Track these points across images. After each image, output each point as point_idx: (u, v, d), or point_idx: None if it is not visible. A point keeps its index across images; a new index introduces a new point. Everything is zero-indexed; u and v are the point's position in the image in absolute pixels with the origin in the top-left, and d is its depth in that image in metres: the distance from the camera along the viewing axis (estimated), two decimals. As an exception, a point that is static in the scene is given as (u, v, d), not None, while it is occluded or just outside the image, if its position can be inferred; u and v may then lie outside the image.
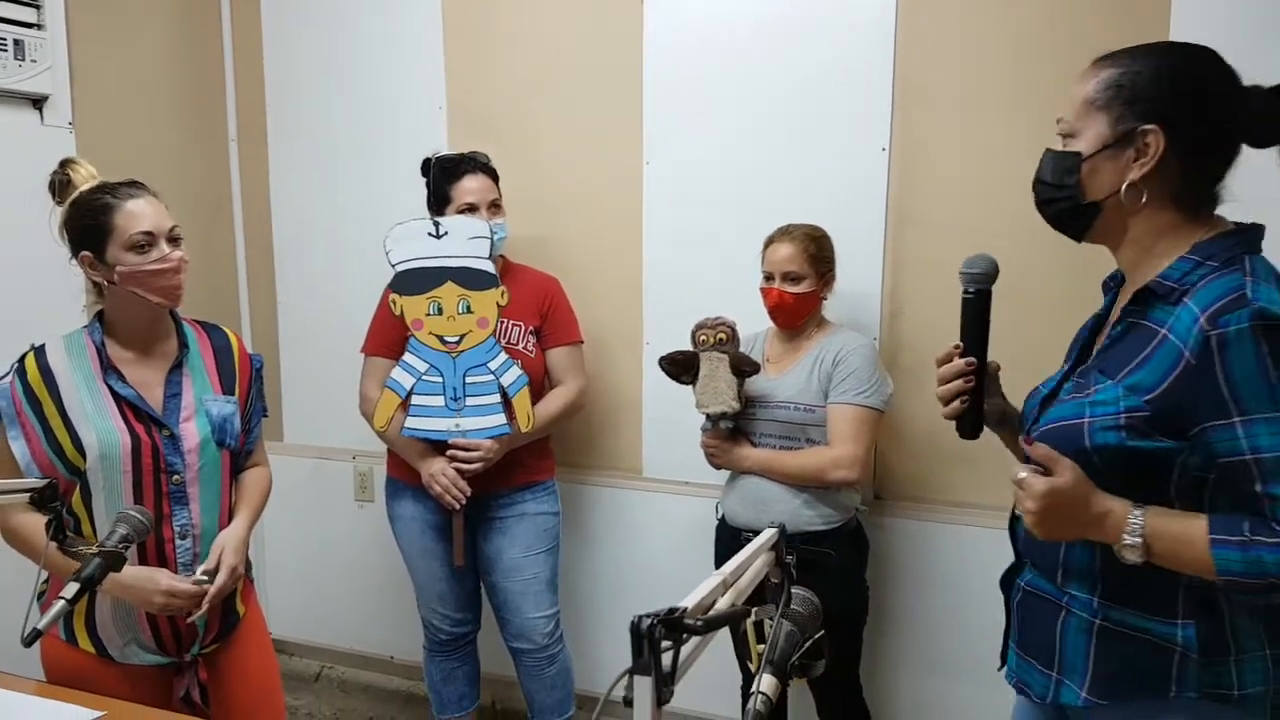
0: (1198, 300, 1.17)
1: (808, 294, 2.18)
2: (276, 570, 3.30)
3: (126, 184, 1.72)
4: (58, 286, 2.31)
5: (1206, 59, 1.25)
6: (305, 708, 3.19)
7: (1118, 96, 1.24)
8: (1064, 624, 1.31)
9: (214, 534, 1.79)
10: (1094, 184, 1.27)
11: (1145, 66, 1.24)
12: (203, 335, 1.87)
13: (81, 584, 1.38)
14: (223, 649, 1.85)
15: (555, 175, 2.75)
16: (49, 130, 2.53)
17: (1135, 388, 1.20)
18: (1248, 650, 1.22)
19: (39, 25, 2.47)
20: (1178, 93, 1.22)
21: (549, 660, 2.50)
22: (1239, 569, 1.12)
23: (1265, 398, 1.11)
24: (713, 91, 2.55)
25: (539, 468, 2.49)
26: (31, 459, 1.66)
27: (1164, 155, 1.21)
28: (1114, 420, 1.20)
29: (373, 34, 2.94)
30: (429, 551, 2.48)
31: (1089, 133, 1.27)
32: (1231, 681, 1.21)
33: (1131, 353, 1.23)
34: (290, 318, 3.21)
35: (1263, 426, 1.12)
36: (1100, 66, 1.28)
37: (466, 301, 2.27)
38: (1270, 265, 1.21)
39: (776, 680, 0.94)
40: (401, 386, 2.30)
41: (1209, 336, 1.13)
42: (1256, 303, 1.12)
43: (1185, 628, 1.22)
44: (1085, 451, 1.22)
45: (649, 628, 0.65)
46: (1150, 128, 1.21)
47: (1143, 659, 1.24)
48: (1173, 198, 1.24)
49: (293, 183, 3.13)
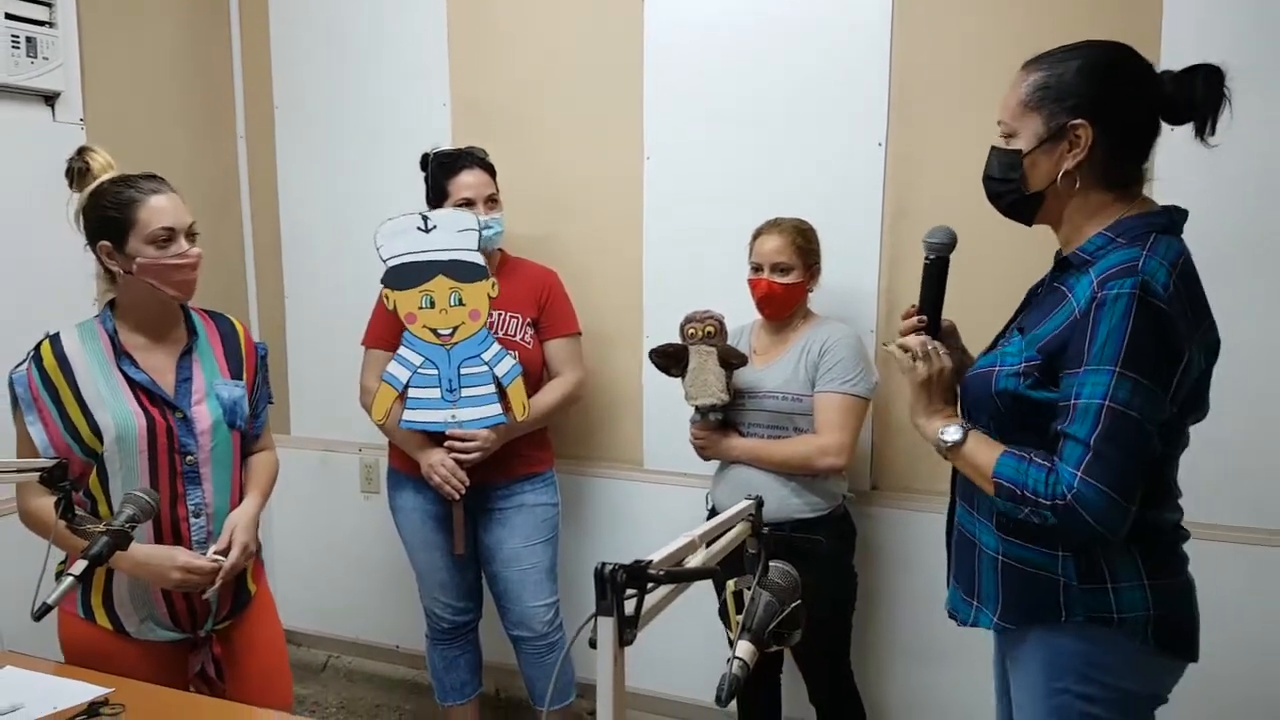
0: (1097, 269, 1.33)
1: (795, 285, 2.22)
2: (284, 561, 3.35)
3: (147, 177, 1.77)
4: (71, 278, 2.37)
5: (1122, 54, 1.40)
6: (312, 697, 3.24)
7: (1047, 96, 1.39)
8: (979, 559, 1.50)
9: (226, 513, 1.84)
10: (1035, 176, 1.42)
11: (1068, 67, 1.38)
12: (209, 323, 1.92)
13: (89, 561, 1.43)
14: (235, 625, 1.91)
15: (557, 170, 2.79)
16: (60, 126, 2.58)
17: (1035, 340, 1.37)
18: (1122, 579, 1.38)
19: (51, 23, 2.52)
20: (1098, 87, 1.36)
21: (549, 648, 2.54)
22: (1008, 474, 1.33)
23: (1110, 356, 1.26)
24: (712, 88, 2.59)
25: (538, 459, 2.53)
26: (49, 443, 1.71)
27: (1093, 144, 1.36)
28: (1015, 369, 1.37)
29: (378, 33, 2.98)
30: (430, 542, 2.52)
31: (1026, 131, 1.41)
32: (1111, 606, 1.38)
33: (1043, 313, 1.40)
34: (297, 311, 3.26)
35: (1093, 377, 1.28)
36: (1029, 70, 1.43)
37: (458, 294, 2.30)
38: (1177, 250, 1.34)
39: (753, 647, 0.97)
40: (398, 380, 2.34)
41: (1096, 296, 1.29)
42: (1143, 275, 1.27)
43: (1065, 560, 1.39)
44: (990, 396, 1.41)
45: (611, 573, 0.69)
46: (1079, 122, 1.36)
47: (1038, 589, 1.42)
48: (1103, 180, 1.39)
49: (300, 178, 3.18)
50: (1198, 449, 1.46)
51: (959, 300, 1.68)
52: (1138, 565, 1.38)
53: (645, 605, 0.74)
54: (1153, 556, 1.39)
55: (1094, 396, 1.27)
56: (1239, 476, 2.18)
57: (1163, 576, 1.40)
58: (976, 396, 1.45)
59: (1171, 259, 1.32)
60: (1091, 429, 1.27)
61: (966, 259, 2.28)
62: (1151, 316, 1.26)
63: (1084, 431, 1.27)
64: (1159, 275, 1.28)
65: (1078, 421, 1.28)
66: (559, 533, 2.58)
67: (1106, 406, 1.26)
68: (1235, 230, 2.14)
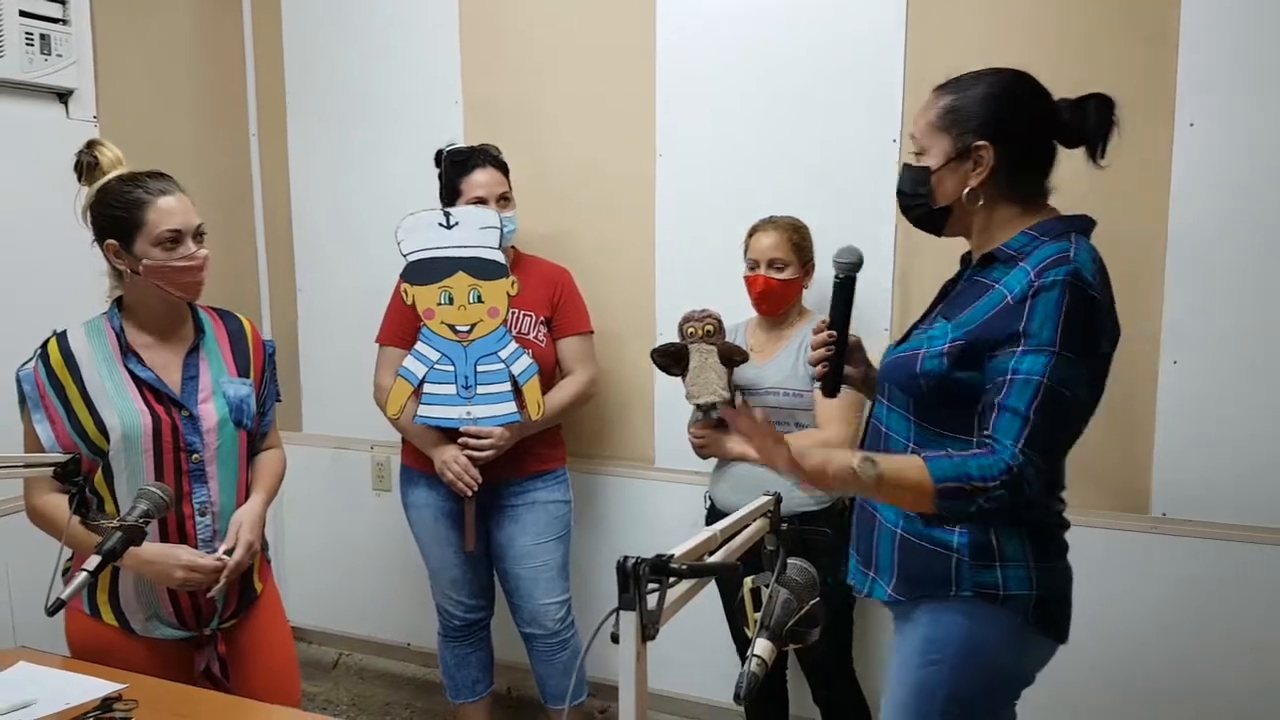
0: (1031, 261, 1.41)
1: (792, 280, 2.23)
2: (295, 559, 3.35)
3: (156, 177, 1.76)
4: (81, 275, 2.37)
5: (1023, 82, 1.50)
6: (323, 694, 3.24)
7: (955, 119, 1.48)
8: (878, 533, 1.58)
9: (232, 511, 1.83)
10: (942, 192, 1.51)
11: (974, 93, 1.48)
12: (217, 320, 1.92)
13: (103, 557, 1.42)
14: (241, 624, 1.90)
15: (568, 168, 2.78)
16: (74, 123, 2.58)
17: (961, 325, 1.44)
18: (1010, 559, 1.46)
19: (64, 20, 2.52)
20: (1000, 113, 1.47)
21: (561, 645, 2.53)
22: (949, 475, 1.32)
23: (1047, 338, 1.35)
24: (724, 85, 2.58)
25: (550, 456, 2.53)
26: (55, 441, 1.71)
27: (994, 164, 1.46)
28: (940, 350, 1.45)
29: (390, 31, 2.98)
30: (442, 538, 2.52)
31: (935, 150, 1.50)
32: (998, 584, 1.46)
33: (967, 300, 1.47)
34: (309, 309, 3.26)
35: (1030, 355, 1.35)
36: (940, 94, 1.52)
37: (477, 291, 2.30)
38: (1092, 247, 1.46)
39: (771, 644, 0.96)
40: (414, 375, 2.34)
41: (1032, 284, 1.37)
42: (1075, 264, 1.38)
43: (960, 534, 1.47)
44: (915, 376, 1.47)
45: (634, 566, 0.69)
46: (982, 143, 1.46)
47: (931, 563, 1.49)
48: (1006, 195, 1.49)
49: (312, 175, 3.18)
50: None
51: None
52: (1025, 547, 1.47)
53: (666, 600, 0.73)
54: (1039, 541, 1.49)
55: (1033, 373, 1.34)
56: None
57: (1047, 560, 1.50)
58: (898, 378, 1.52)
59: (1094, 255, 1.44)
60: (1030, 401, 1.34)
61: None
62: (1084, 302, 1.36)
63: (1022, 404, 1.34)
64: (1088, 266, 1.40)
65: (1015, 394, 1.35)
66: (571, 530, 2.58)
67: (1044, 383, 1.34)
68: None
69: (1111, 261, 2.08)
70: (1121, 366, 2.23)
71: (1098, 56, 2.21)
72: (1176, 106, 2.15)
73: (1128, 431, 2.26)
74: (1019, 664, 1.53)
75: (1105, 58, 2.20)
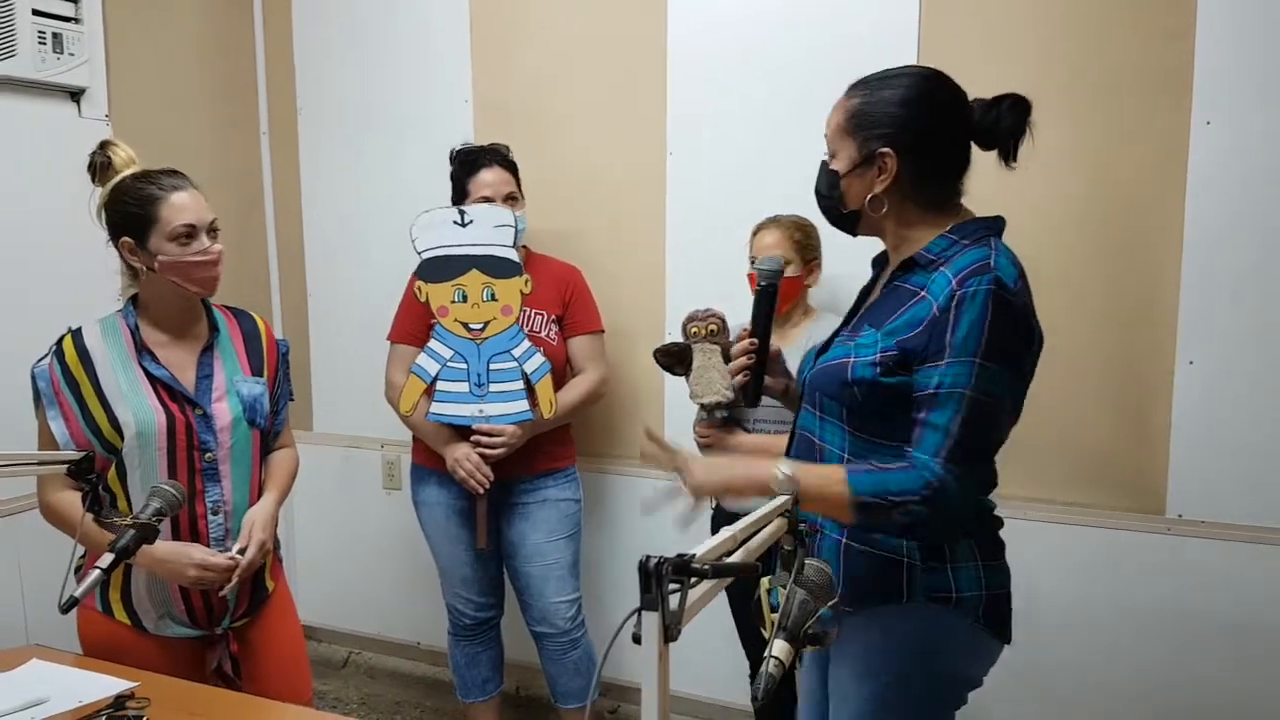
0: (952, 267, 1.38)
1: (793, 279, 2.22)
2: (306, 557, 3.35)
3: (169, 173, 1.76)
4: (93, 274, 2.37)
5: (935, 84, 1.46)
6: (333, 693, 3.24)
7: (861, 124, 1.45)
8: (820, 544, 1.52)
9: (245, 510, 1.83)
10: (850, 196, 1.49)
11: (881, 97, 1.44)
12: (232, 320, 1.92)
13: (116, 554, 1.42)
14: (252, 622, 1.90)
15: (579, 166, 2.78)
16: (86, 122, 2.59)
17: (892, 333, 1.41)
18: (961, 560, 1.45)
19: (77, 19, 2.52)
20: (907, 119, 1.42)
21: (571, 645, 2.53)
22: (869, 489, 1.33)
23: (971, 349, 1.33)
24: (736, 82, 2.57)
25: (560, 454, 2.53)
26: (70, 438, 1.71)
27: (899, 171, 1.43)
28: (871, 359, 1.41)
29: (400, 30, 2.98)
30: (453, 536, 2.52)
31: (843, 154, 1.48)
32: (950, 586, 1.44)
33: (893, 308, 1.44)
34: (320, 308, 3.26)
35: (955, 367, 1.33)
36: (850, 96, 1.49)
37: (491, 289, 2.30)
38: (1008, 248, 1.44)
39: (789, 645, 0.95)
40: (426, 372, 2.34)
41: (955, 294, 1.35)
42: (996, 271, 1.35)
43: (910, 542, 1.43)
44: (848, 384, 1.43)
45: (656, 566, 0.68)
46: (885, 150, 1.43)
47: (880, 571, 1.45)
48: (915, 200, 1.46)
49: (322, 175, 3.18)
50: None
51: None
52: (973, 547, 1.47)
53: (688, 600, 0.72)
54: (983, 539, 1.50)
55: (956, 385, 1.33)
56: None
57: (992, 558, 1.50)
58: (828, 387, 1.49)
59: (1013, 259, 1.41)
60: (953, 415, 1.33)
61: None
62: (1007, 310, 1.34)
63: (944, 419, 1.33)
64: (1009, 272, 1.37)
65: (939, 410, 1.34)
66: (582, 529, 2.57)
67: (967, 395, 1.33)
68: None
69: (1126, 261, 2.12)
70: (1137, 367, 2.25)
71: (1113, 55, 2.19)
72: (1193, 104, 2.13)
73: (1143, 432, 2.25)
74: (970, 667, 1.52)
75: (1120, 56, 2.19)
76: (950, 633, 1.47)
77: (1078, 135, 2.23)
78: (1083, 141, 2.23)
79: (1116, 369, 2.27)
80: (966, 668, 1.52)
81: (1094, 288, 2.26)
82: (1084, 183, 2.25)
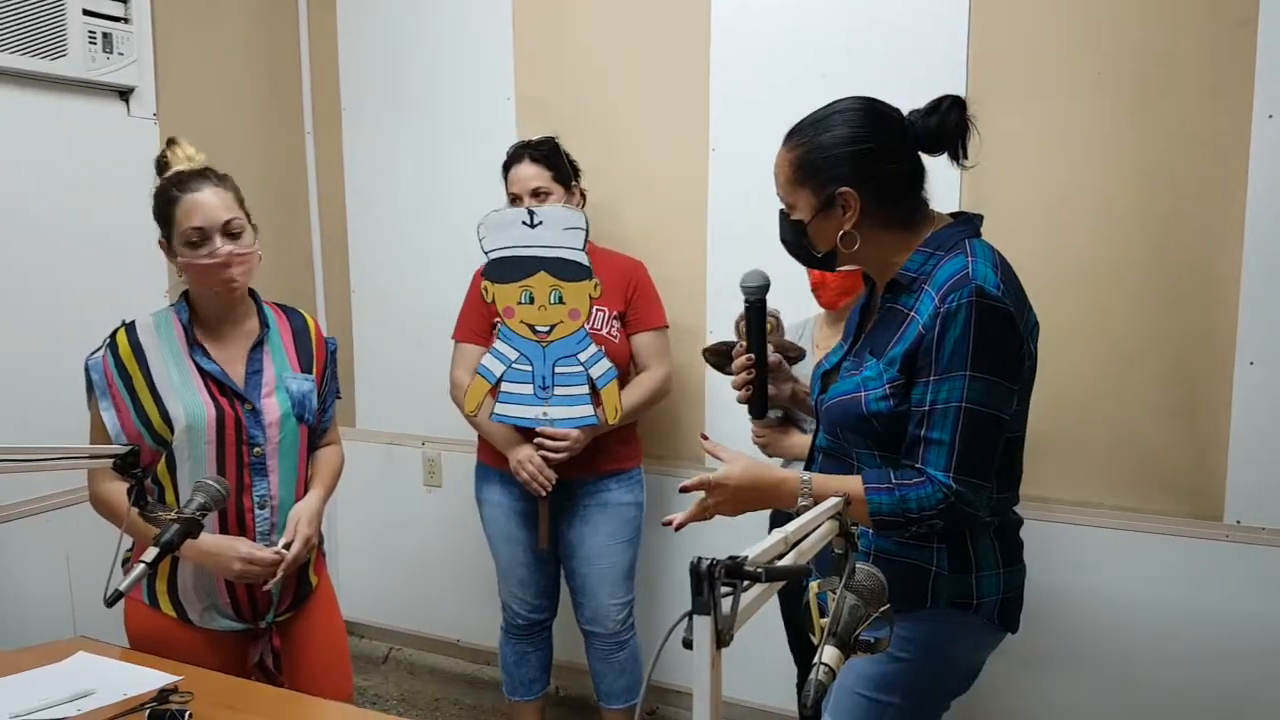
0: (934, 284, 1.41)
1: (849, 274, 2.16)
2: (347, 553, 3.37)
3: (197, 174, 1.76)
4: (142, 270, 2.41)
5: (870, 110, 1.48)
6: (373, 688, 3.26)
7: (810, 172, 1.47)
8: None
9: (291, 505, 1.84)
10: (820, 239, 1.50)
11: (821, 142, 1.46)
12: (282, 317, 1.92)
13: (160, 548, 1.43)
14: (295, 617, 1.91)
15: (621, 163, 2.75)
16: (134, 121, 2.62)
17: (893, 362, 1.43)
18: (985, 569, 1.49)
19: (126, 19, 2.55)
20: (852, 153, 1.44)
21: (619, 645, 2.53)
22: (888, 509, 1.37)
23: (959, 363, 1.35)
24: (779, 80, 2.53)
25: (625, 455, 2.50)
26: (121, 429, 1.73)
27: (861, 204, 1.44)
28: (881, 391, 1.43)
29: (443, 26, 2.98)
30: (512, 537, 2.51)
31: (801, 204, 1.50)
32: (972, 592, 1.48)
33: (889, 334, 1.46)
34: (363, 306, 3.27)
35: (946, 383, 1.36)
36: (789, 148, 1.51)
37: (559, 292, 2.27)
38: (987, 246, 1.45)
39: (839, 652, 0.93)
40: (492, 373, 2.33)
41: (939, 312, 1.37)
42: (975, 280, 1.36)
43: (939, 552, 1.47)
44: (865, 418, 1.45)
45: (709, 568, 0.66)
46: (844, 190, 1.44)
47: (906, 580, 1.47)
48: (883, 225, 1.47)
49: (366, 173, 3.19)
50: None
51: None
52: (996, 554, 1.51)
53: (740, 604, 0.70)
54: (1007, 545, 1.53)
55: (951, 400, 1.36)
56: None
57: (1012, 562, 1.54)
58: (845, 423, 1.51)
59: (992, 259, 1.42)
60: (953, 429, 1.36)
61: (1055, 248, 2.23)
62: (992, 318, 1.35)
63: (946, 434, 1.36)
64: (989, 278, 1.38)
65: (938, 426, 1.37)
66: (642, 533, 2.55)
67: (963, 407, 1.35)
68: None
69: (1184, 258, 2.03)
70: (1195, 367, 2.18)
71: (1170, 46, 2.13)
72: (1255, 98, 2.07)
73: (1200, 435, 2.19)
74: (978, 658, 1.58)
75: (1178, 48, 2.13)
76: (966, 631, 1.52)
77: (1133, 127, 2.17)
78: (1139, 134, 2.17)
79: (1172, 369, 2.20)
80: (976, 658, 1.58)
81: (1150, 284, 2.20)
82: (1141, 177, 2.19)
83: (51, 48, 2.36)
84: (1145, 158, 2.18)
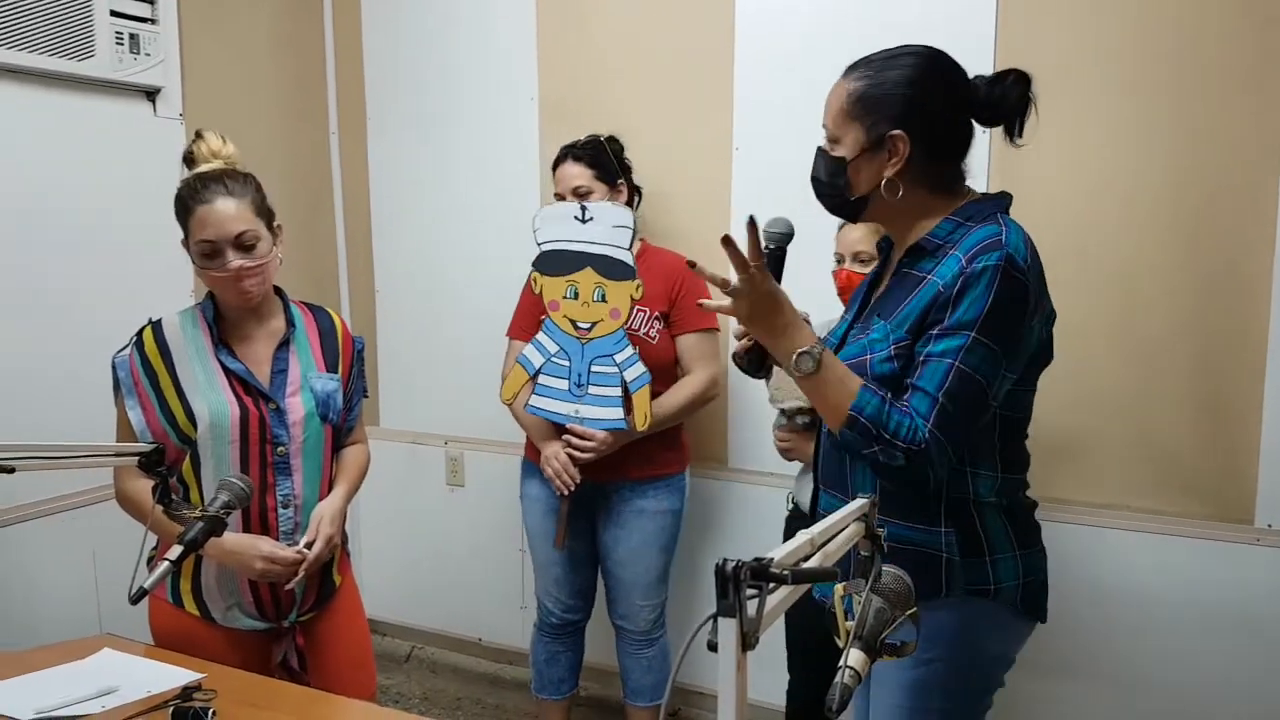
0: (962, 248, 1.37)
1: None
2: (370, 552, 3.38)
3: (214, 179, 1.72)
4: (168, 269, 2.42)
5: (938, 62, 1.43)
6: (396, 687, 3.27)
7: (866, 107, 1.41)
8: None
9: (314, 504, 1.83)
10: (858, 182, 1.45)
11: (885, 78, 1.41)
12: (309, 316, 1.92)
13: (184, 547, 1.43)
14: (319, 617, 1.90)
15: (645, 162, 2.74)
16: (161, 121, 2.63)
17: (901, 323, 1.40)
18: (999, 551, 1.44)
19: (153, 20, 2.57)
20: (915, 99, 1.39)
21: (649, 642, 2.53)
22: (870, 412, 1.33)
23: (969, 322, 1.32)
24: (804, 78, 2.49)
25: (667, 460, 2.46)
26: (146, 427, 1.73)
27: (911, 153, 1.40)
28: (886, 353, 1.40)
29: (466, 27, 2.98)
30: (549, 535, 2.51)
31: (848, 140, 1.44)
32: (989, 578, 1.44)
33: (901, 297, 1.43)
34: (387, 306, 3.29)
35: (948, 338, 1.33)
36: (850, 78, 1.45)
37: (602, 289, 2.27)
38: (1020, 226, 1.41)
39: (865, 656, 0.91)
40: (531, 364, 2.34)
41: (964, 271, 1.34)
42: (1008, 248, 1.34)
43: (947, 534, 1.42)
44: (870, 382, 1.39)
45: (734, 570, 0.65)
46: (896, 133, 1.40)
47: (918, 568, 1.39)
48: (924, 182, 1.43)
49: (390, 173, 3.20)
50: None
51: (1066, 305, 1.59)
52: (1010, 537, 1.46)
53: (766, 606, 0.68)
54: (1020, 527, 1.48)
55: (946, 355, 1.33)
56: None
57: (1028, 545, 1.49)
58: None
59: (1024, 235, 1.39)
60: (940, 384, 1.33)
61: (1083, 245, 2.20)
62: (1013, 287, 1.33)
63: (932, 386, 1.33)
64: (1020, 250, 1.35)
65: (927, 376, 1.34)
66: (678, 539, 2.52)
67: (956, 366, 1.32)
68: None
69: (1214, 256, 2.00)
70: (1224, 365, 2.15)
71: (1198, 44, 2.10)
72: (1290, 94, 2.03)
73: (1229, 436, 2.15)
74: (1008, 650, 1.53)
75: (1207, 47, 2.09)
76: (989, 620, 1.47)
77: (1162, 125, 2.15)
78: (1168, 132, 2.15)
79: (1201, 367, 2.17)
80: (1006, 650, 1.52)
81: (1179, 282, 2.17)
82: (1170, 175, 2.16)
83: (79, 48, 2.38)
84: (1174, 155, 2.15)
